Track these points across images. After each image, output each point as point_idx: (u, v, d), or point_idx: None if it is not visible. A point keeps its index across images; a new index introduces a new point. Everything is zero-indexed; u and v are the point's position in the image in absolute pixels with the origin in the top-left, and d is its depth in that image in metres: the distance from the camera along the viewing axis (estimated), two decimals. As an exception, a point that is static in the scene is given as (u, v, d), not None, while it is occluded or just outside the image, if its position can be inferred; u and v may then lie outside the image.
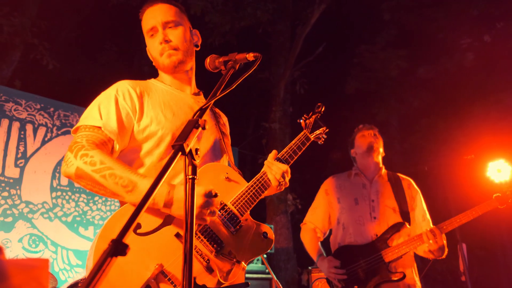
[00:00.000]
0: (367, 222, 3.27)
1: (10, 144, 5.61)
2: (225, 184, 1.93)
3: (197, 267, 1.70)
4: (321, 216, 3.55)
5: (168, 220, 1.73)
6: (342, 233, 3.36)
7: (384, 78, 11.00)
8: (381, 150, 3.55)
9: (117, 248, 0.95)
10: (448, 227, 3.05)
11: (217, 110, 2.37)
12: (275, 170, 2.02)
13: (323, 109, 2.34)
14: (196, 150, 1.38)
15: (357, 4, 11.56)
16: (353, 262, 3.15)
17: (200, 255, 1.73)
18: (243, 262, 1.81)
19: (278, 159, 2.09)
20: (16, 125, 5.70)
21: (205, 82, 2.27)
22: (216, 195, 1.68)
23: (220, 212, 1.85)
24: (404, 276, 3.06)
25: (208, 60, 1.98)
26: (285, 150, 2.15)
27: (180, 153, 1.30)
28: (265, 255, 6.55)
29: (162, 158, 1.92)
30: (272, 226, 7.07)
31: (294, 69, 9.63)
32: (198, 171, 1.82)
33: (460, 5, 10.52)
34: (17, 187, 5.49)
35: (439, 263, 11.18)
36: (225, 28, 9.05)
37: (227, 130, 2.35)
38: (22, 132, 5.72)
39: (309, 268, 5.77)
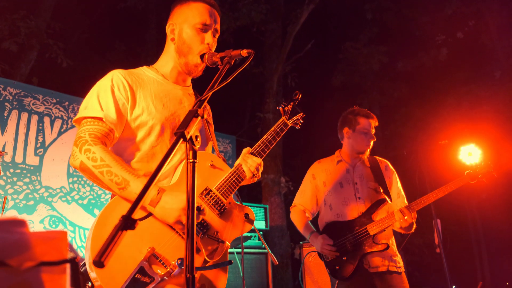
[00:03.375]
0: (352, 202, 3.24)
1: (30, 135, 5.60)
2: (210, 170, 1.91)
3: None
4: (309, 198, 3.47)
5: None
6: (330, 213, 3.30)
7: (366, 72, 11.00)
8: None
9: (127, 223, 0.98)
10: (416, 206, 3.03)
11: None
12: (250, 163, 1.98)
13: (299, 96, 2.30)
14: (196, 137, 1.37)
15: (342, 5, 11.51)
16: (341, 236, 3.14)
17: None
18: (227, 242, 1.81)
19: (252, 154, 2.05)
20: (34, 118, 5.69)
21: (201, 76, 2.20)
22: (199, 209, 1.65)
23: (206, 197, 1.83)
24: (388, 247, 3.05)
25: (206, 56, 1.96)
26: (258, 144, 2.08)
27: (181, 140, 1.30)
28: (261, 232, 6.59)
29: (153, 146, 1.90)
30: (267, 206, 7.10)
31: (285, 64, 9.60)
32: (185, 161, 1.83)
33: (435, 5, 10.50)
34: (37, 174, 5.49)
35: (416, 237, 11.30)
36: (222, 28, 8.96)
37: (210, 118, 2.28)
38: (40, 124, 5.71)
39: (301, 243, 5.82)
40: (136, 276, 1.55)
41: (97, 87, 1.91)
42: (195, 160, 1.36)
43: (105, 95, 1.85)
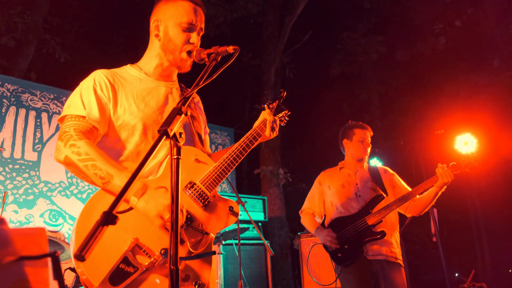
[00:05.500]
0: (353, 200, 3.58)
1: (28, 131, 5.66)
2: (194, 165, 1.94)
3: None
4: (317, 202, 3.83)
5: None
6: (335, 211, 3.65)
7: (365, 62, 10.98)
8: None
9: (108, 219, 1.03)
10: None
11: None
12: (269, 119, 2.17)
13: (284, 94, 2.39)
14: (180, 133, 1.40)
15: (339, -6, 11.49)
16: (343, 228, 3.46)
17: None
18: (211, 234, 1.84)
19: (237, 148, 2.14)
20: (32, 114, 5.74)
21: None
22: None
23: (190, 191, 1.86)
24: (385, 234, 3.33)
25: (194, 52, 1.98)
26: (243, 139, 2.15)
27: (165, 137, 1.33)
28: (259, 224, 6.66)
29: (138, 145, 1.94)
30: (266, 197, 7.16)
31: (283, 55, 9.58)
32: (169, 157, 1.88)
33: (433, -7, 10.47)
34: (36, 169, 5.56)
35: (416, 226, 11.36)
36: (219, 20, 8.97)
37: (198, 111, 2.27)
38: (38, 120, 5.77)
39: (298, 233, 5.90)
40: (120, 266, 1.58)
41: (79, 87, 1.95)
42: (179, 157, 1.39)
43: (87, 94, 1.89)
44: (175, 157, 1.39)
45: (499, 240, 12.18)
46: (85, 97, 1.89)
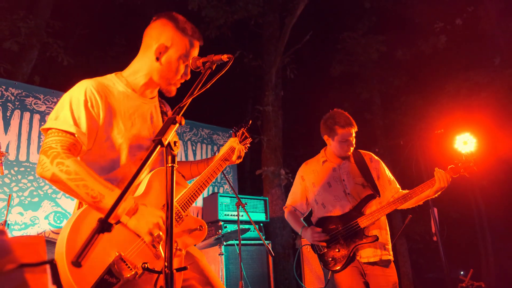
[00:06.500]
0: (342, 198, 3.35)
1: (33, 134, 5.74)
2: None
3: (149, 254, 1.85)
4: (299, 199, 3.60)
5: None
6: (323, 210, 3.40)
7: (365, 61, 10.97)
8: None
9: (104, 226, 1.09)
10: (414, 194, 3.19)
11: (165, 107, 2.37)
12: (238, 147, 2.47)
13: (250, 123, 2.65)
14: (175, 142, 1.46)
15: (339, -6, 11.50)
16: (333, 229, 3.25)
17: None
18: (183, 250, 1.98)
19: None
20: (36, 117, 5.83)
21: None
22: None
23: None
24: (377, 238, 3.15)
25: (190, 61, 2.03)
26: (216, 162, 2.40)
27: (159, 146, 1.38)
28: (261, 224, 6.71)
29: (121, 165, 1.99)
30: (267, 198, 7.21)
31: (284, 56, 9.58)
32: (150, 175, 1.99)
33: (433, -9, 10.47)
34: (41, 172, 5.64)
35: (417, 225, 11.37)
36: (219, 22, 9.00)
37: None
38: (43, 123, 5.84)
39: (299, 233, 5.93)
40: (104, 277, 1.68)
41: (68, 98, 1.93)
42: (174, 165, 1.46)
43: (77, 109, 1.89)
44: (169, 165, 1.46)
45: (503, 238, 12.16)
46: (75, 112, 1.88)
